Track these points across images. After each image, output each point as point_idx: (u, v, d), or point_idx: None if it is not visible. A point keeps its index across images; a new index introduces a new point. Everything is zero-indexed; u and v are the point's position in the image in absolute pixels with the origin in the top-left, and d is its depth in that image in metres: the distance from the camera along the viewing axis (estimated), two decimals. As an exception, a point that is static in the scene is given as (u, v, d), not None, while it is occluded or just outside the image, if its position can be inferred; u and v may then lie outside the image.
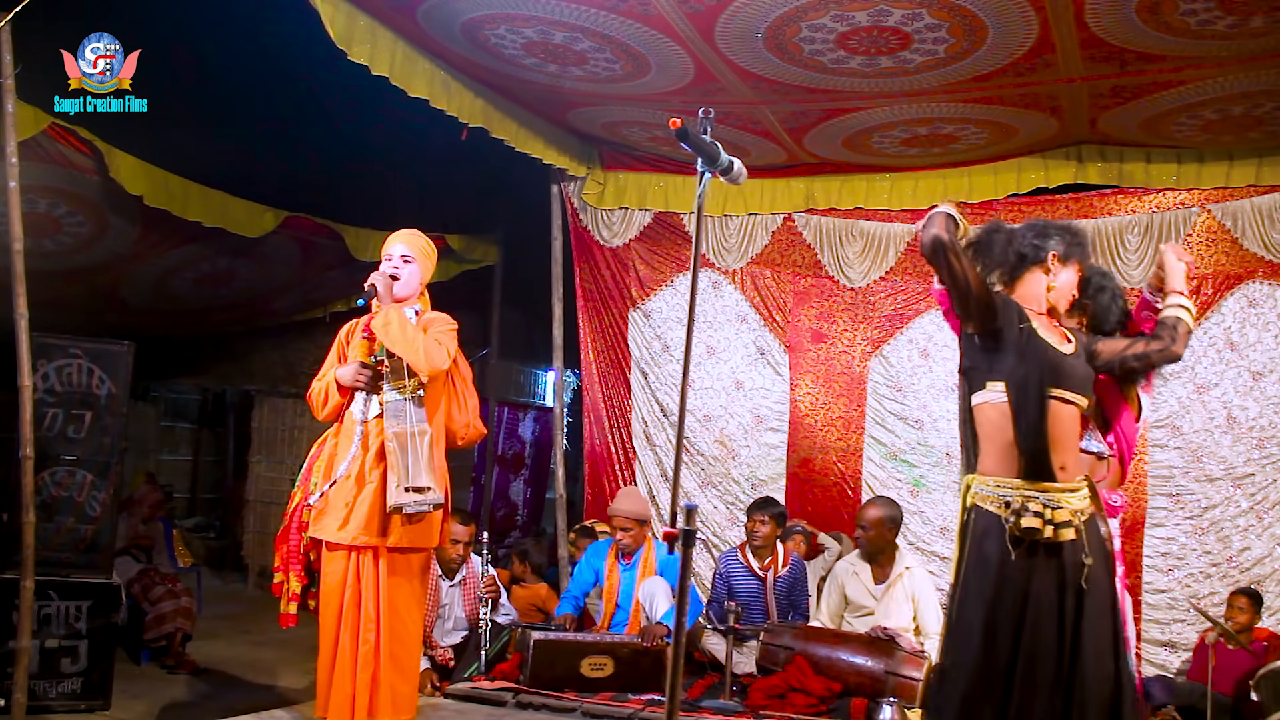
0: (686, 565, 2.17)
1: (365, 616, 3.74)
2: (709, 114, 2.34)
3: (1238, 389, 5.79)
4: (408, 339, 3.73)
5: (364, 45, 4.78)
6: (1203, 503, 5.78)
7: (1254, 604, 5.16)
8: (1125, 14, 4.32)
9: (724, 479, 6.76)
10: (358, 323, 4.01)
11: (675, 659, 2.15)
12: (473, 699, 4.79)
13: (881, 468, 6.47)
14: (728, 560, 5.64)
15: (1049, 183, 6.11)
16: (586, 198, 7.04)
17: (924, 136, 5.92)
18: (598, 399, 7.09)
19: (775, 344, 6.78)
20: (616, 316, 7.05)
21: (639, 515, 5.50)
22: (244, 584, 8.79)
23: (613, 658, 4.93)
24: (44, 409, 4.75)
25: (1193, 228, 5.96)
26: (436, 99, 5.34)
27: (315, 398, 3.95)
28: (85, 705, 4.75)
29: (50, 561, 4.72)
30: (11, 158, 4.26)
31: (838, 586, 5.38)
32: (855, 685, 4.77)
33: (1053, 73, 4.94)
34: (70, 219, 5.77)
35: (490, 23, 4.84)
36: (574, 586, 5.60)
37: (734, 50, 4.93)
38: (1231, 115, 5.29)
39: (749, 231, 6.85)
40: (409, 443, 3.73)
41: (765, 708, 4.67)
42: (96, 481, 4.91)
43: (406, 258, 3.94)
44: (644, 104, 5.82)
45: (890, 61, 4.90)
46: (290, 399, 8.88)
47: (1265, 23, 4.29)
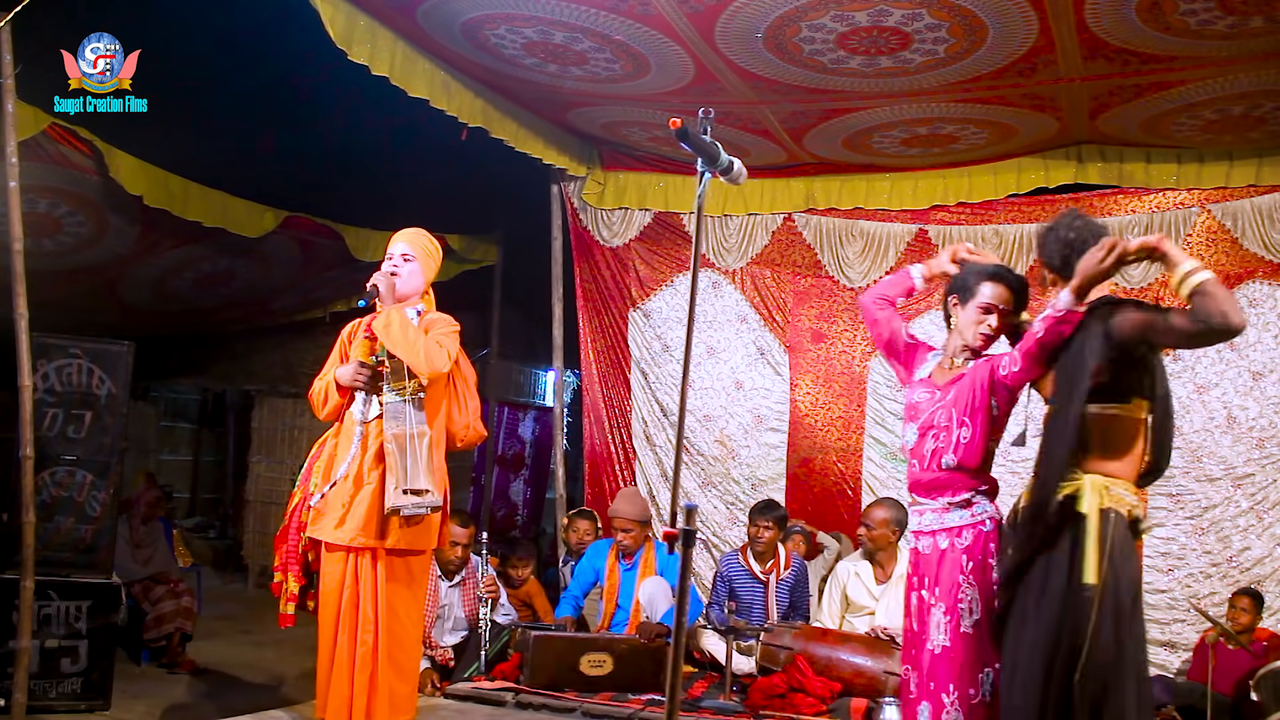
0: (686, 565, 2.17)
1: (363, 618, 3.73)
2: (709, 114, 2.34)
3: (1238, 389, 5.79)
4: (408, 340, 3.72)
5: (364, 45, 4.78)
6: (1203, 503, 5.78)
7: (1256, 605, 5.16)
8: (1125, 14, 4.31)
9: (724, 479, 6.76)
10: (360, 322, 4.00)
11: (675, 659, 2.15)
12: (473, 699, 4.79)
13: (881, 468, 6.47)
14: (729, 563, 5.64)
15: (1049, 183, 6.11)
16: (586, 198, 7.04)
17: (924, 136, 5.92)
18: (598, 399, 7.09)
19: (775, 344, 6.78)
20: (616, 316, 7.05)
21: (639, 517, 5.50)
22: (244, 584, 8.79)
23: (611, 655, 4.93)
24: (44, 409, 4.75)
25: (1193, 228, 5.96)
26: (436, 99, 5.34)
27: (316, 397, 3.94)
28: (85, 705, 4.76)
29: (50, 561, 4.72)
30: (11, 158, 4.26)
31: (839, 587, 5.38)
32: (855, 685, 4.77)
33: (1053, 73, 4.94)
34: (70, 219, 5.77)
35: (490, 23, 4.84)
36: (574, 586, 5.61)
37: (734, 50, 4.93)
38: (1231, 115, 5.29)
39: (749, 231, 6.85)
40: (408, 444, 3.72)
41: (765, 708, 4.67)
42: (96, 481, 4.91)
43: (407, 256, 3.93)
44: (644, 104, 5.82)
45: (890, 61, 4.90)
46: (290, 399, 8.88)
47: (1265, 23, 4.29)
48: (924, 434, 3.23)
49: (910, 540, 3.35)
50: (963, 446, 3.15)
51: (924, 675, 3.13)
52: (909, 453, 3.29)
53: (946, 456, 3.17)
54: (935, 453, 3.19)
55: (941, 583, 3.13)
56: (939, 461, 3.18)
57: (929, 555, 3.20)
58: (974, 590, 3.10)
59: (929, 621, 3.14)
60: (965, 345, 3.24)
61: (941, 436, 3.18)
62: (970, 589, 3.10)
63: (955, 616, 3.09)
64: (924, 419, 3.24)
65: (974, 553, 3.13)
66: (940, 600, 3.12)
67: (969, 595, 3.10)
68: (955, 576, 3.12)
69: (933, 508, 3.21)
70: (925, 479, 3.22)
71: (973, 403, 3.15)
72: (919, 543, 3.25)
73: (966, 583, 3.10)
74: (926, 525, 3.22)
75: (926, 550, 3.21)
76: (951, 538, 3.15)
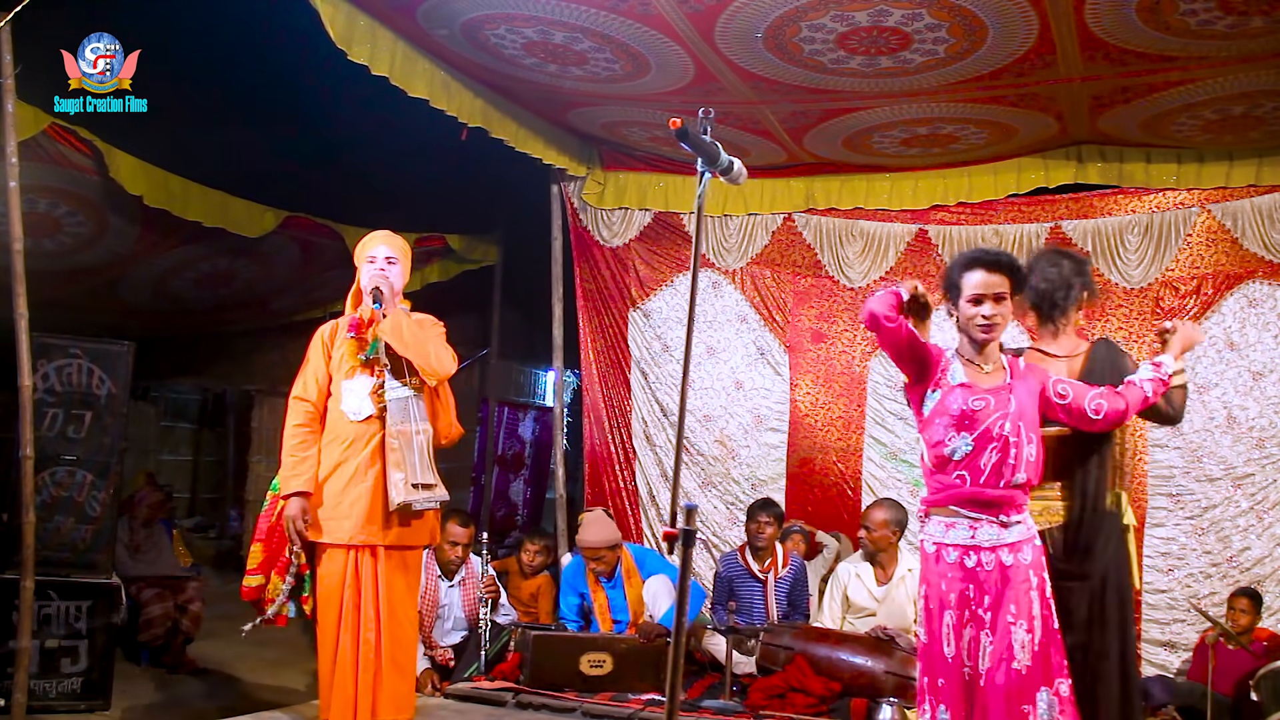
0: (686, 565, 2.17)
1: (365, 616, 3.74)
2: (709, 114, 2.33)
3: (1238, 389, 5.79)
4: (419, 343, 3.76)
5: (364, 45, 4.78)
6: (1203, 503, 5.78)
7: (1255, 605, 5.16)
8: (1125, 14, 4.31)
9: (724, 479, 6.76)
10: (337, 324, 3.97)
11: (675, 659, 2.15)
12: (473, 699, 4.79)
13: (881, 468, 6.46)
14: (728, 563, 5.64)
15: (1049, 183, 6.10)
16: (586, 198, 7.04)
17: (924, 136, 5.92)
18: (598, 399, 7.09)
19: (775, 344, 6.78)
20: (616, 316, 7.04)
21: (609, 543, 5.34)
22: (244, 584, 8.77)
23: (611, 654, 4.93)
24: (44, 409, 4.76)
25: (1193, 228, 5.96)
26: (436, 99, 5.34)
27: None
28: (85, 705, 4.76)
29: (50, 561, 4.72)
30: (11, 158, 4.26)
31: (840, 588, 5.38)
32: (855, 685, 4.77)
33: (1053, 73, 4.94)
34: (70, 219, 5.77)
35: (490, 23, 4.84)
36: (566, 610, 5.48)
37: (734, 50, 4.93)
38: (1231, 115, 5.29)
39: (749, 231, 6.85)
40: (412, 441, 3.75)
41: (765, 708, 4.67)
42: (96, 481, 4.92)
43: (391, 259, 3.94)
44: (644, 104, 5.82)
45: (890, 61, 4.90)
46: (290, 399, 8.87)
47: (1265, 23, 4.29)
48: (983, 446, 3.04)
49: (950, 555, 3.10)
50: (1031, 465, 3.07)
51: (1001, 696, 2.97)
52: (960, 464, 3.06)
53: (1018, 474, 3.04)
54: (1000, 467, 3.03)
55: (1015, 601, 3.00)
56: (1006, 477, 3.03)
57: (990, 573, 3.03)
58: (1039, 607, 3.03)
59: (1009, 640, 2.98)
60: (974, 341, 3.15)
61: (1012, 452, 3.03)
62: (1037, 605, 3.02)
63: (1034, 635, 2.99)
64: (981, 429, 3.04)
65: (1037, 568, 3.06)
66: (1020, 618, 2.99)
67: (1037, 613, 3.02)
68: (1027, 593, 3.01)
69: (991, 522, 3.05)
70: (987, 494, 3.04)
71: (1035, 418, 3.11)
72: (969, 558, 3.06)
73: (1036, 600, 3.03)
74: (985, 540, 3.04)
75: (989, 567, 3.04)
76: (1015, 554, 3.04)
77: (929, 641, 3.11)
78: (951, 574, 3.07)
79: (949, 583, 3.07)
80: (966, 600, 3.04)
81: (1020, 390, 3.11)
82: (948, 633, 3.05)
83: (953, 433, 3.07)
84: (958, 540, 3.08)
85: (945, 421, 3.08)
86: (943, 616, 3.06)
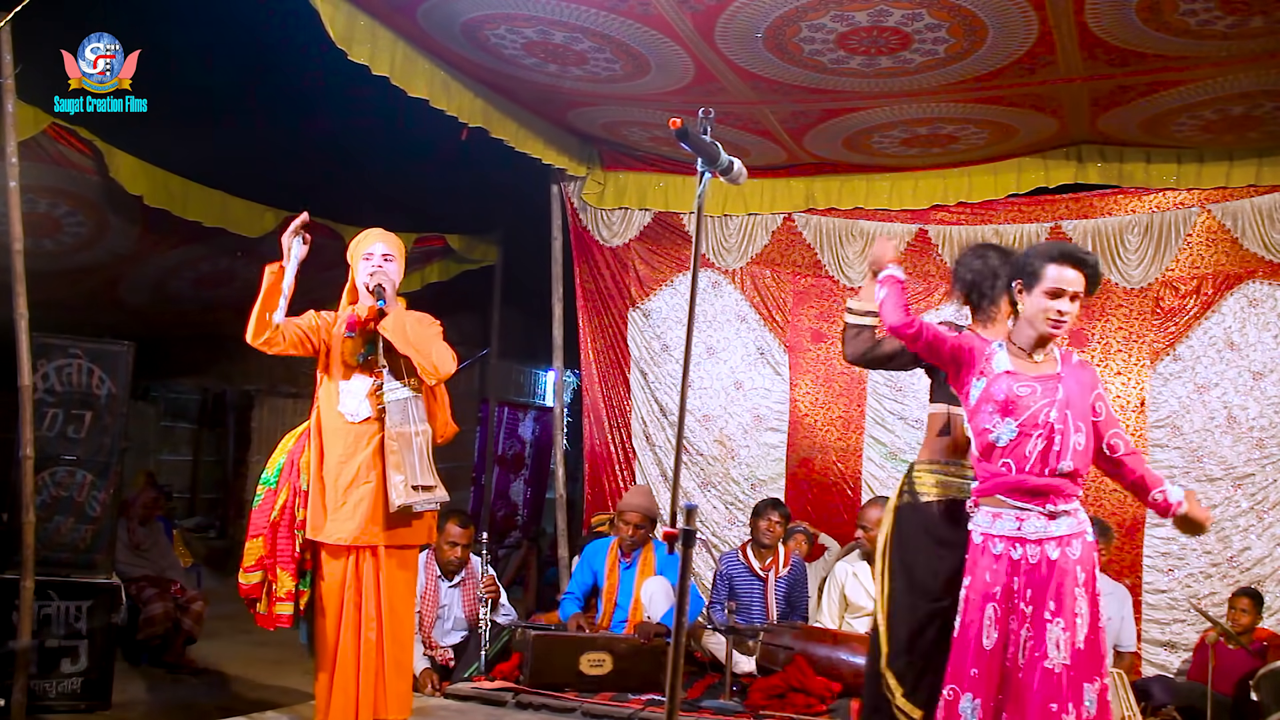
0: (686, 565, 2.17)
1: (366, 616, 3.74)
2: (709, 114, 2.33)
3: (1238, 389, 5.79)
4: (421, 342, 3.74)
5: (364, 45, 4.78)
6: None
7: (1256, 605, 5.16)
8: (1125, 14, 4.32)
9: (724, 479, 6.76)
10: (337, 315, 3.95)
11: (675, 659, 2.15)
12: (473, 699, 4.79)
13: (881, 468, 6.46)
14: (729, 561, 5.64)
15: (1049, 183, 6.11)
16: (586, 198, 7.04)
17: (924, 136, 5.92)
18: (597, 399, 7.09)
19: (775, 344, 6.78)
20: (616, 316, 7.05)
21: (651, 512, 5.48)
22: (244, 584, 8.77)
23: (611, 654, 4.93)
24: (44, 409, 4.76)
25: (1193, 228, 5.96)
26: (436, 99, 5.34)
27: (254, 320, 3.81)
28: (85, 705, 4.76)
29: (50, 561, 4.73)
30: (11, 158, 4.27)
31: (837, 587, 5.38)
32: (855, 685, 4.75)
33: (1053, 72, 4.94)
34: (70, 219, 5.77)
35: (490, 23, 4.84)
36: (574, 586, 5.58)
37: (734, 50, 4.93)
38: (1231, 115, 5.29)
39: (749, 231, 6.85)
40: (412, 442, 3.74)
41: (765, 708, 4.67)
42: (96, 481, 4.92)
43: (388, 256, 3.92)
44: (644, 104, 5.82)
45: (890, 61, 4.90)
46: (290, 399, 8.88)
47: (1265, 23, 4.29)
48: (1027, 433, 2.99)
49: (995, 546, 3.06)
50: (1080, 454, 3.01)
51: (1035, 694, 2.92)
52: (1005, 451, 3.02)
53: (1064, 462, 2.98)
54: (1046, 454, 2.98)
55: (1059, 597, 2.96)
56: (1052, 465, 2.98)
57: (1035, 565, 2.99)
58: (1085, 603, 2.99)
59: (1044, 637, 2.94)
60: (1036, 334, 3.08)
61: (1058, 440, 2.98)
62: (1083, 601, 2.99)
63: (1073, 632, 2.95)
64: (1025, 415, 3.00)
65: (1085, 563, 3.02)
66: (1057, 616, 2.95)
67: (1083, 609, 2.97)
68: (1071, 589, 2.96)
69: (1038, 513, 3.00)
70: (1032, 482, 3.00)
71: (1087, 407, 3.07)
72: (1015, 550, 3.02)
73: (1082, 596, 2.99)
74: (1030, 533, 3.00)
75: (1034, 559, 2.99)
76: (1062, 548, 2.99)
77: (963, 631, 3.08)
78: (997, 566, 3.04)
79: (993, 575, 3.04)
80: (1010, 593, 3.02)
81: (1070, 380, 3.07)
82: (989, 624, 3.02)
83: (997, 418, 3.04)
84: (1004, 531, 3.05)
85: (990, 408, 3.06)
86: (984, 607, 3.03)
